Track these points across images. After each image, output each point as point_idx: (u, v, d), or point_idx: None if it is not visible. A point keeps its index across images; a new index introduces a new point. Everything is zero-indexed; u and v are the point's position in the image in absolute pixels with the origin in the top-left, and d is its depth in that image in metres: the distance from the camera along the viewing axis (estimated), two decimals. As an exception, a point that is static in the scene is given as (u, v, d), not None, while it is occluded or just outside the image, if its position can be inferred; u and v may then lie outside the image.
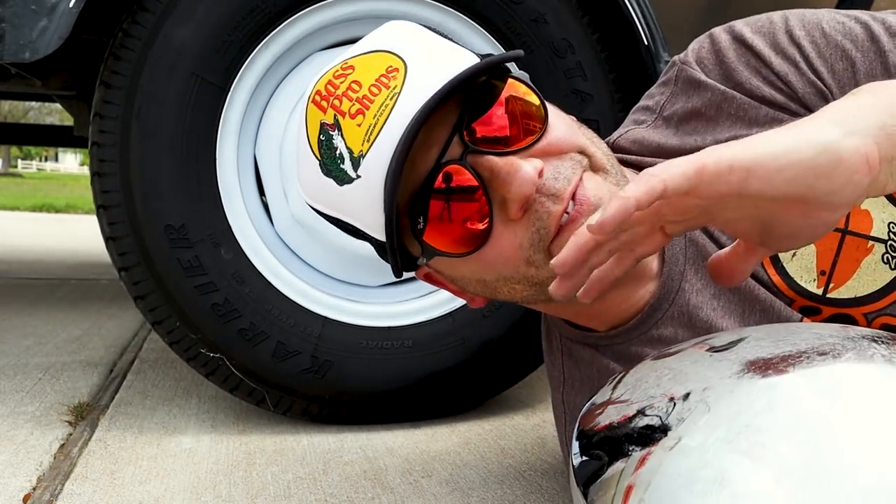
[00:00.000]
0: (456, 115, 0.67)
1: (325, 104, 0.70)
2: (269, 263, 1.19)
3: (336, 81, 0.70)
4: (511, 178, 0.65)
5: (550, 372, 0.89)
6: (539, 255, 0.68)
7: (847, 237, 0.74)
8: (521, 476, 1.06)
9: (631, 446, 0.51)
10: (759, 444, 0.45)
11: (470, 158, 0.66)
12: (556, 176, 0.67)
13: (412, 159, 0.66)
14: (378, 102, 0.66)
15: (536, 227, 0.67)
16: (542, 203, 0.66)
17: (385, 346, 1.22)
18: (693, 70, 0.79)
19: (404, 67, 0.68)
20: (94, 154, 1.13)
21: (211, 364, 1.18)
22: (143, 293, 1.14)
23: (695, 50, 0.80)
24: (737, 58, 0.76)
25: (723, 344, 0.58)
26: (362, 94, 0.67)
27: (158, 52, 1.10)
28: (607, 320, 0.80)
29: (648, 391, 0.56)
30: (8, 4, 1.04)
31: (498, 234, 0.68)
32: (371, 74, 0.68)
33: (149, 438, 1.16)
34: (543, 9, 1.21)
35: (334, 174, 0.69)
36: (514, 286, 0.72)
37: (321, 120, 0.70)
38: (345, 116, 0.68)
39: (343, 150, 0.68)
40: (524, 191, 0.64)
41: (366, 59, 0.70)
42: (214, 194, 1.15)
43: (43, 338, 1.85)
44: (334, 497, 0.97)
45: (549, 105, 0.71)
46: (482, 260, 0.70)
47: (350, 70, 0.70)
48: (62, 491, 0.96)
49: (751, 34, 0.76)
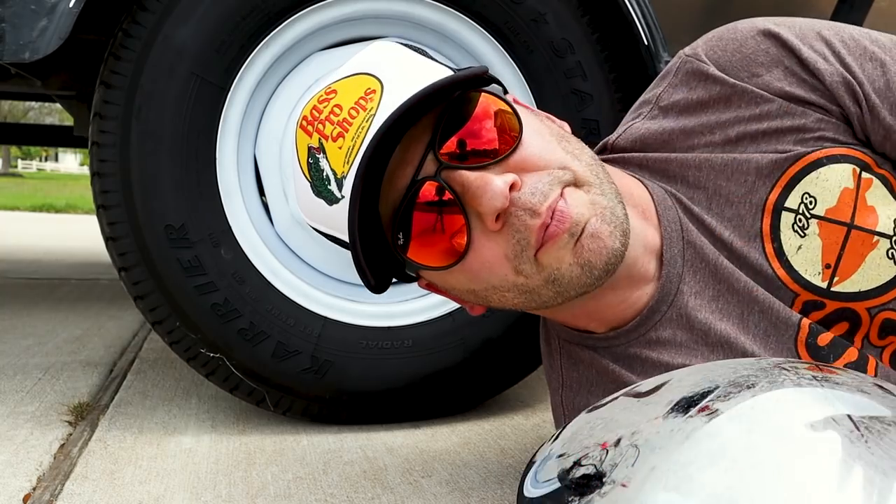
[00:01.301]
0: (430, 133, 0.68)
1: (310, 128, 0.73)
2: (269, 263, 1.19)
3: (320, 106, 0.73)
4: (481, 192, 0.66)
5: (549, 374, 0.89)
6: (527, 264, 0.69)
7: (853, 231, 0.75)
8: (521, 476, 1.06)
9: (571, 497, 0.54)
10: (686, 477, 0.48)
11: (444, 174, 0.68)
12: (532, 191, 0.67)
13: (390, 178, 0.69)
14: (356, 125, 0.69)
15: (517, 239, 0.68)
16: (519, 216, 0.67)
17: (385, 346, 1.22)
18: (700, 63, 0.79)
19: (381, 88, 0.70)
20: (94, 154, 1.13)
21: (211, 364, 1.18)
22: (143, 293, 1.14)
23: (708, 41, 0.80)
24: (757, 47, 0.76)
25: (648, 389, 0.61)
26: (342, 118, 0.70)
27: (158, 52, 1.10)
28: (606, 322, 0.80)
29: (583, 442, 0.59)
30: (8, 4, 1.04)
31: (479, 245, 0.69)
32: (351, 97, 0.71)
33: (149, 438, 1.16)
34: (543, 9, 1.21)
35: (324, 195, 0.72)
36: (504, 294, 0.73)
37: (308, 144, 0.73)
38: (328, 140, 0.71)
39: (329, 172, 0.70)
40: (495, 204, 0.65)
41: (347, 82, 0.73)
42: (214, 194, 1.15)
43: (43, 338, 1.85)
44: (334, 497, 0.97)
45: (530, 117, 0.72)
46: (467, 271, 0.71)
47: (333, 94, 0.73)
48: (62, 491, 0.96)
49: (775, 26, 0.77)
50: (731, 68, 0.77)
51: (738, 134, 0.76)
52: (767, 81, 0.75)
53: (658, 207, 0.78)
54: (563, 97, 1.24)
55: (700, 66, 0.78)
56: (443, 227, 0.69)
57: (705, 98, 0.78)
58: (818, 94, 0.74)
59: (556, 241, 0.67)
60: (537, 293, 0.72)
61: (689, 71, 0.79)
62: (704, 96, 0.78)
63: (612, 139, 0.84)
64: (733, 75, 0.77)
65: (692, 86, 0.79)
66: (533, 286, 0.71)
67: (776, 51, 0.76)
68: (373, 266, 0.71)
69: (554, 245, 0.67)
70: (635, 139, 0.82)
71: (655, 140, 0.80)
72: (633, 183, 0.79)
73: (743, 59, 0.77)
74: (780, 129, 0.75)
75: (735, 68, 0.77)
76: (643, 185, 0.79)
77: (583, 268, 0.69)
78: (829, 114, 0.75)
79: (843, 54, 0.75)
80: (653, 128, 0.81)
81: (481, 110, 0.69)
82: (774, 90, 0.75)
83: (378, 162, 0.68)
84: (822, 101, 0.75)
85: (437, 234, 0.69)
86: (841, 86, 0.74)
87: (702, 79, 0.78)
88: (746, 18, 0.80)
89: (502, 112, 0.70)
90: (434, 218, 0.69)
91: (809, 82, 0.75)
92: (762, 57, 0.76)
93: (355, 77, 0.73)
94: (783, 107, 0.75)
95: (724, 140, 0.77)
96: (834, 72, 0.74)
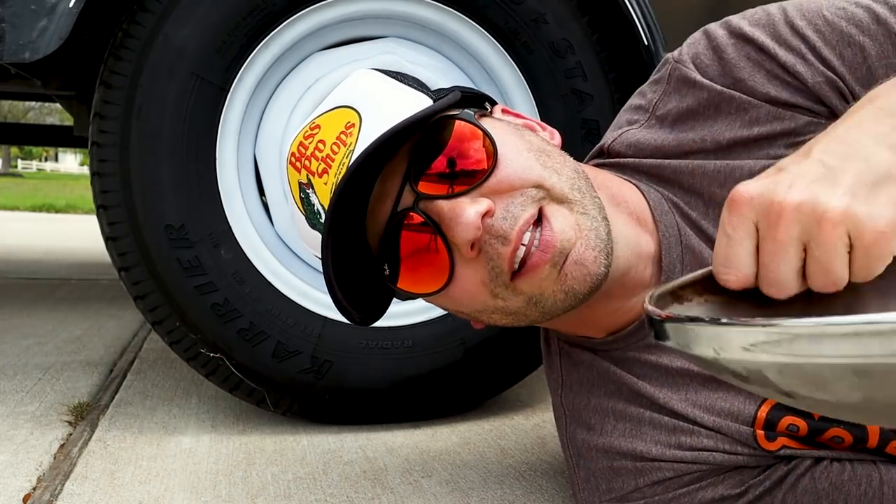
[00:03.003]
0: (406, 164, 0.69)
1: (298, 165, 0.75)
2: (269, 263, 1.19)
3: (306, 142, 0.74)
4: (454, 223, 0.66)
5: (549, 375, 0.89)
6: (501, 288, 0.69)
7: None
8: (521, 476, 1.06)
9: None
10: None
11: (421, 205, 0.68)
12: (504, 216, 0.67)
13: (372, 211, 0.71)
14: (337, 161, 0.70)
15: (491, 266, 0.68)
16: (492, 245, 0.67)
17: (385, 346, 1.22)
18: (687, 69, 0.77)
19: (359, 122, 0.71)
20: (94, 154, 1.13)
21: (211, 364, 1.18)
22: (143, 293, 1.14)
23: (690, 47, 0.79)
24: (736, 53, 0.75)
25: None
26: (325, 154, 0.72)
27: (158, 52, 1.10)
28: (603, 328, 0.80)
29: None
30: (8, 4, 1.04)
31: (460, 273, 0.69)
32: (332, 132, 0.72)
33: (149, 438, 1.16)
34: (543, 9, 1.21)
35: (318, 227, 0.73)
36: (490, 315, 0.74)
37: (298, 179, 0.75)
38: (314, 176, 0.72)
39: (318, 207, 0.72)
40: (467, 236, 0.66)
41: (329, 117, 0.75)
42: (214, 194, 1.15)
43: (43, 338, 1.85)
44: (334, 497, 0.97)
45: (507, 133, 0.72)
46: (450, 297, 0.72)
47: (317, 129, 0.74)
48: (62, 491, 0.96)
49: (750, 27, 0.75)
50: (716, 75, 0.76)
51: (730, 141, 0.75)
52: (752, 87, 0.74)
53: (654, 212, 0.77)
54: (563, 97, 1.24)
55: (687, 73, 0.78)
56: (426, 256, 0.70)
57: (695, 106, 0.77)
58: (803, 96, 0.73)
59: (537, 271, 0.67)
60: (522, 314, 0.72)
61: (679, 78, 0.78)
62: (694, 104, 0.77)
63: (607, 143, 0.84)
64: (719, 82, 0.76)
65: (683, 93, 0.78)
66: (515, 308, 0.71)
67: (756, 55, 0.74)
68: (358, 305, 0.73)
69: (535, 275, 0.67)
70: (630, 144, 0.81)
71: (650, 147, 0.80)
72: (628, 188, 0.78)
73: (724, 65, 0.75)
74: (770, 134, 0.74)
75: (719, 75, 0.76)
76: (639, 190, 0.78)
77: (567, 294, 0.69)
78: (818, 115, 0.73)
79: (819, 47, 0.72)
80: (648, 136, 0.80)
81: (455, 138, 0.69)
82: (760, 95, 0.74)
83: (358, 196, 0.70)
84: (808, 104, 0.73)
85: (421, 263, 0.70)
86: (825, 85, 0.72)
87: (690, 86, 0.77)
88: (720, 20, 0.79)
89: (476, 137, 0.69)
90: (417, 247, 0.70)
91: (793, 84, 0.73)
92: (743, 62, 0.75)
93: (336, 111, 0.74)
94: (771, 112, 0.74)
95: (716, 147, 0.76)
96: (815, 72, 0.72)
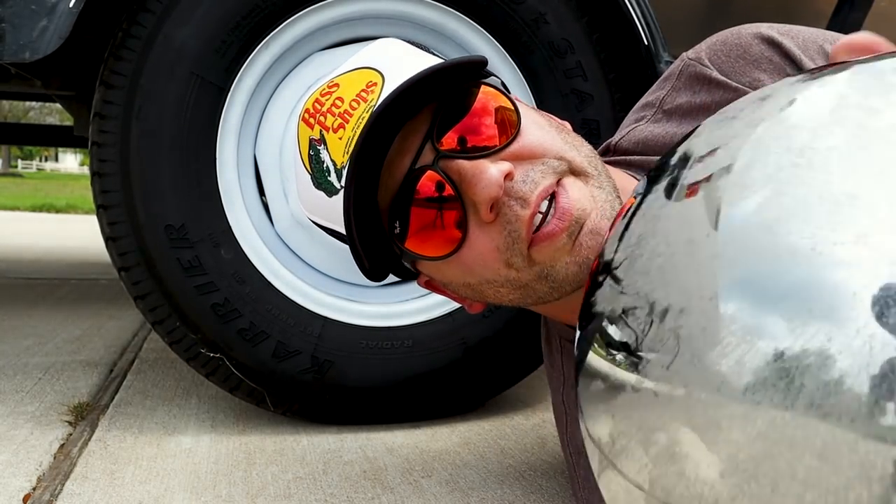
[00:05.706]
0: (428, 124, 0.69)
1: (312, 121, 0.74)
2: (269, 263, 1.19)
3: (322, 99, 0.73)
4: (476, 180, 0.65)
5: (550, 374, 0.89)
6: (517, 258, 0.68)
7: None
8: (521, 476, 1.06)
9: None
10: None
11: (441, 163, 0.68)
12: (524, 179, 0.67)
13: (388, 167, 0.69)
14: (356, 116, 0.69)
15: (508, 231, 0.67)
16: (511, 206, 0.67)
17: (385, 346, 1.22)
18: (704, 67, 0.78)
19: (382, 81, 0.70)
20: (94, 154, 1.13)
21: (211, 364, 1.18)
22: (143, 293, 1.14)
23: (710, 46, 0.80)
24: (761, 53, 0.76)
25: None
26: (343, 109, 0.71)
27: (158, 52, 1.10)
28: None
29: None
30: (8, 4, 1.04)
31: (474, 237, 0.68)
32: (352, 90, 0.72)
33: (149, 438, 1.16)
34: (543, 9, 1.21)
35: (324, 186, 0.72)
36: (498, 289, 0.72)
37: (310, 135, 0.74)
38: (329, 131, 0.71)
39: (329, 163, 0.71)
40: (489, 192, 0.65)
41: (349, 76, 0.74)
42: (214, 194, 1.15)
43: (43, 338, 1.85)
44: (334, 497, 0.97)
45: (528, 109, 0.72)
46: (462, 263, 0.70)
47: (335, 87, 0.73)
48: (62, 491, 0.96)
49: (779, 35, 0.76)
50: (734, 73, 0.77)
51: None
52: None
53: None
54: (563, 97, 1.24)
55: (703, 70, 0.78)
56: (440, 217, 0.69)
57: (708, 102, 0.77)
58: None
59: (553, 240, 0.66)
60: (531, 288, 0.71)
61: (692, 74, 0.79)
62: (707, 100, 0.77)
63: (614, 140, 0.84)
64: (736, 80, 0.76)
65: (695, 90, 0.79)
66: (525, 281, 0.70)
67: (779, 59, 0.75)
68: (369, 254, 0.72)
69: (551, 244, 0.67)
70: (638, 141, 0.81)
71: (658, 143, 0.80)
72: (634, 185, 0.79)
73: (746, 64, 0.76)
74: None
75: (738, 73, 0.76)
76: None
77: (580, 266, 0.68)
78: None
79: None
80: (656, 131, 0.80)
81: (480, 103, 0.69)
82: None
83: (376, 150, 0.68)
84: None
85: (433, 224, 0.69)
86: None
87: (705, 83, 0.78)
88: (750, 23, 0.80)
89: (501, 105, 0.70)
90: (431, 207, 0.68)
91: None
92: (765, 64, 0.76)
93: (358, 71, 0.73)
94: None
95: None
96: None
